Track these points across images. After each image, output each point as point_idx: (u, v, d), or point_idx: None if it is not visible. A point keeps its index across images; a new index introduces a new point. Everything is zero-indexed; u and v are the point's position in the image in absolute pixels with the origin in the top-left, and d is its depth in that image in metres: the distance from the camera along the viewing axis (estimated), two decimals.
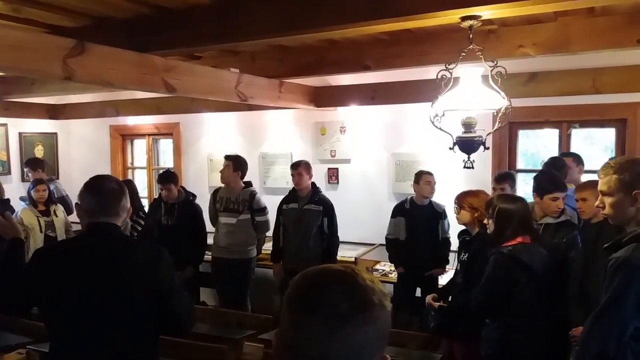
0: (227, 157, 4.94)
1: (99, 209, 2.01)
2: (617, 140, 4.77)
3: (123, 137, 7.30)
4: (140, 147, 7.37)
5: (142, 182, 7.16)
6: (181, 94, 4.01)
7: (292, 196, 4.81)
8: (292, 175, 4.76)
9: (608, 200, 2.00)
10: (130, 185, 4.81)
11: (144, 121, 6.92)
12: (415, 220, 4.64)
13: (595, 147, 5.26)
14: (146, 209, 5.28)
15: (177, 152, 6.76)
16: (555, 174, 3.51)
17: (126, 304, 1.93)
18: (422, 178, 4.59)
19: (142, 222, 4.87)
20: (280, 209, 4.84)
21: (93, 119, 7.05)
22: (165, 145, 7.18)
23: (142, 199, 5.82)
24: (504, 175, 4.18)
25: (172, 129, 6.78)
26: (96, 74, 3.07)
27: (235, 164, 4.88)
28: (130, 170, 7.39)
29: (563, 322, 2.93)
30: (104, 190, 2.03)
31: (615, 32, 3.28)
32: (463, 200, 3.30)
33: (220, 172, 4.95)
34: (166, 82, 3.48)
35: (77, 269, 1.93)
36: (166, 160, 7.15)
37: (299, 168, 4.71)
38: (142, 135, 7.17)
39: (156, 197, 5.57)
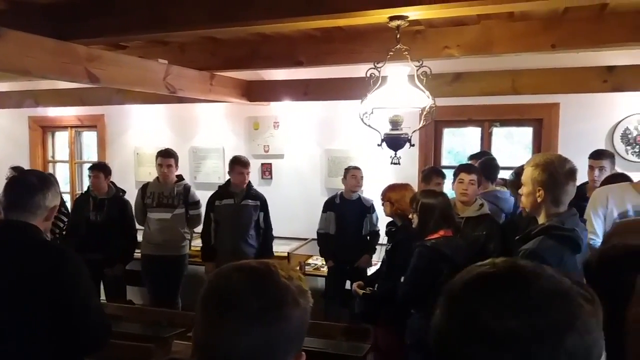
0: (168, 155, 4.74)
1: (7, 204, 1.87)
2: (534, 138, 5.08)
3: (43, 129, 6.91)
4: (61, 140, 7.01)
5: (64, 177, 6.82)
6: (106, 85, 3.86)
7: (225, 192, 4.68)
8: (240, 173, 4.60)
9: (524, 190, 2.18)
10: None
11: (66, 112, 6.57)
12: (345, 215, 4.73)
13: (516, 145, 5.58)
14: (67, 204, 5.04)
15: (102, 145, 6.48)
16: (469, 163, 3.83)
17: (16, 315, 1.75)
18: (349, 173, 4.70)
19: (64, 219, 4.65)
20: (211, 206, 4.69)
21: (10, 110, 6.62)
22: (89, 138, 6.87)
23: (64, 194, 5.54)
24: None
25: (96, 121, 6.49)
26: (12, 62, 2.89)
27: (177, 161, 4.78)
28: (51, 164, 7.01)
29: None
30: (18, 184, 1.90)
31: (532, 37, 3.47)
32: (385, 194, 3.59)
33: (165, 170, 4.73)
34: (89, 72, 3.33)
35: None
36: (90, 154, 6.84)
37: (249, 167, 4.69)
38: (63, 128, 6.82)
39: (82, 192, 5.33)
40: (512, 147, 5.52)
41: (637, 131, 4.64)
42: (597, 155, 3.90)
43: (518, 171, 3.10)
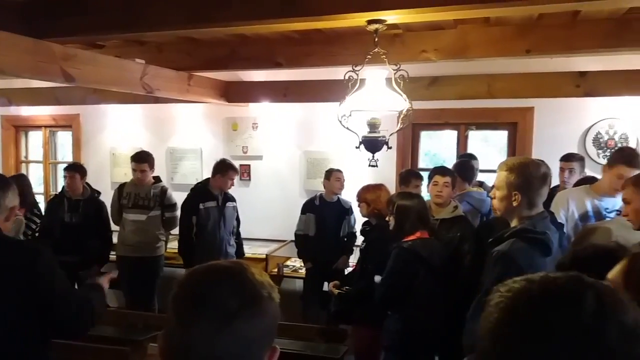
0: (141, 159, 4.67)
1: None
2: (508, 141, 5.17)
3: (16, 129, 6.77)
4: (35, 140, 6.87)
5: (37, 177, 6.69)
6: (81, 84, 3.80)
7: (207, 194, 4.62)
8: (231, 179, 4.61)
9: (497, 193, 2.20)
10: (22, 180, 4.49)
11: (41, 112, 6.45)
12: (325, 217, 4.75)
13: (491, 147, 5.67)
14: (41, 205, 4.96)
15: (77, 145, 6.38)
16: (444, 166, 3.94)
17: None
18: (333, 175, 4.72)
19: (37, 220, 4.56)
20: (194, 209, 4.56)
21: None
22: (64, 138, 6.75)
23: (37, 195, 5.45)
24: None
25: (71, 121, 6.39)
26: None
27: (152, 164, 4.73)
28: (24, 164, 6.86)
29: (459, 312, 3.13)
30: None
31: (507, 42, 3.53)
32: (361, 195, 3.68)
33: (139, 175, 4.68)
34: (64, 71, 3.28)
35: None
36: (65, 154, 6.73)
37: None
38: (37, 127, 6.69)
39: (56, 193, 5.24)
40: (488, 150, 5.61)
41: (608, 135, 4.77)
42: (567, 158, 4.08)
43: None
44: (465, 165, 4.16)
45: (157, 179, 4.83)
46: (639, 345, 0.68)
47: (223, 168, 4.58)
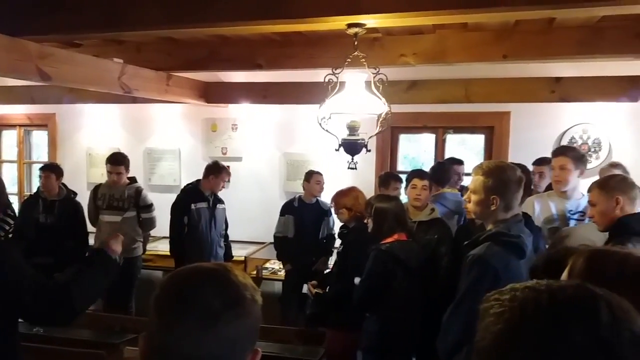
0: (117, 162, 4.62)
1: None
2: (485, 145, 5.24)
3: None
4: (10, 139, 6.73)
5: (11, 177, 6.55)
6: (58, 83, 3.74)
7: (199, 195, 4.62)
8: (224, 181, 4.70)
9: (473, 197, 2.22)
10: None
11: (15, 110, 6.33)
12: (304, 218, 4.76)
13: (468, 151, 5.74)
14: (15, 205, 4.86)
15: (53, 145, 6.28)
16: (421, 169, 4.00)
17: None
18: (313, 177, 4.73)
19: (10, 221, 4.48)
20: (186, 209, 4.55)
21: None
22: (39, 138, 6.63)
23: (11, 196, 5.33)
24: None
25: (47, 120, 6.28)
26: None
27: (127, 166, 4.68)
28: None
29: (436, 313, 3.17)
30: None
31: (484, 47, 3.59)
32: (338, 202, 3.67)
33: (114, 178, 4.62)
34: (41, 69, 3.22)
35: None
36: (40, 154, 6.61)
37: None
38: (12, 126, 6.56)
39: (31, 193, 5.15)
40: (465, 154, 5.68)
41: (582, 140, 4.87)
42: (538, 162, 4.18)
43: None
44: (439, 168, 4.22)
45: (132, 180, 4.79)
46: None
47: (217, 169, 4.64)
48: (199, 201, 4.60)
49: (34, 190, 4.87)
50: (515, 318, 0.70)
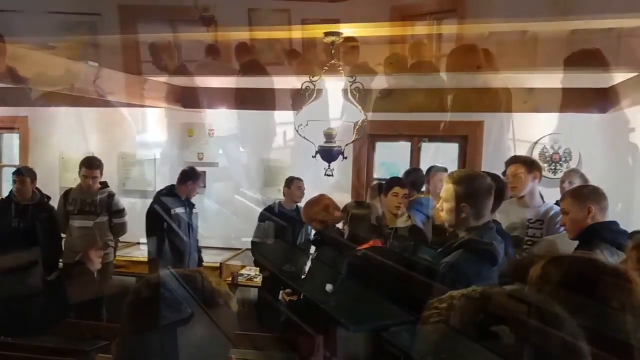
0: (93, 166, 4.55)
1: None
2: (459, 154, 5.32)
3: None
4: None
5: None
6: (30, 86, 3.68)
7: (177, 200, 4.59)
8: (195, 189, 4.67)
9: (445, 205, 2.26)
10: None
11: None
12: (283, 225, 4.74)
13: (443, 160, 5.81)
14: None
15: (24, 148, 6.14)
16: (401, 177, 4.00)
17: None
18: (294, 183, 4.72)
19: None
20: (167, 214, 4.50)
21: None
22: (10, 141, 6.48)
23: None
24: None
25: (18, 123, 6.14)
26: None
27: (102, 171, 4.62)
28: None
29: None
30: None
31: (459, 57, 3.66)
32: (308, 214, 3.63)
33: (90, 182, 4.54)
34: (12, 71, 3.17)
35: None
36: (11, 158, 6.46)
37: None
38: None
39: (2, 197, 5.03)
40: (439, 162, 5.74)
41: (553, 149, 4.98)
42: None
43: None
44: (414, 174, 4.28)
45: (104, 184, 4.72)
46: None
47: (194, 175, 4.63)
48: (177, 206, 4.59)
49: (5, 194, 4.75)
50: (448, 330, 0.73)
